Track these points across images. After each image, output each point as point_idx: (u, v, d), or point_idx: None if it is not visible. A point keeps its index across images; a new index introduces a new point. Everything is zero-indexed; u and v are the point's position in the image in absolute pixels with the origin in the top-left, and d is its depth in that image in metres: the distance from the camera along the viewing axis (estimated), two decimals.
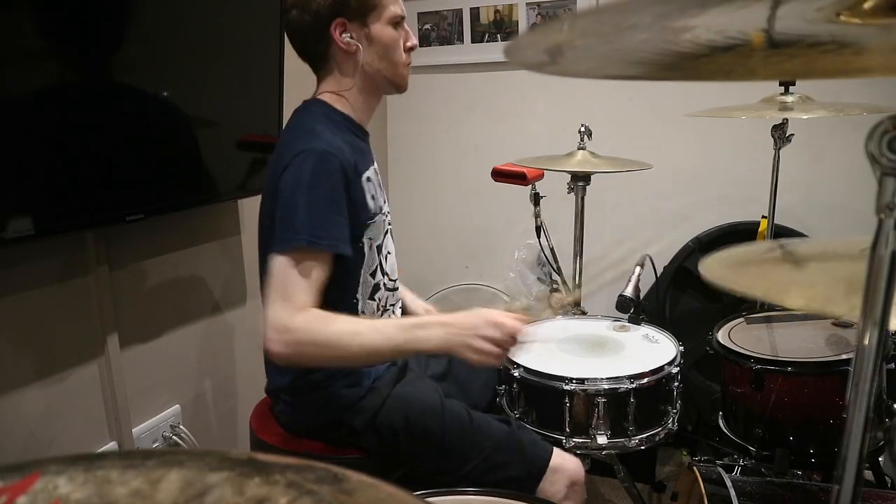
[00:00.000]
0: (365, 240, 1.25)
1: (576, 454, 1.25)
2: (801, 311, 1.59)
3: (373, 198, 1.27)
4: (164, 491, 0.33)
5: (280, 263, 1.10)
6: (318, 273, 1.12)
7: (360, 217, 1.22)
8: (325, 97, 1.28)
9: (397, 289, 1.40)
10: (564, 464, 1.20)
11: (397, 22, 1.25)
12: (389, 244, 1.36)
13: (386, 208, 1.35)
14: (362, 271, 1.26)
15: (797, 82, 1.54)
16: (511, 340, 1.09)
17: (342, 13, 1.20)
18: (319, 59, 1.28)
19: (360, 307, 1.27)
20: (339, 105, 1.28)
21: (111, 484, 0.34)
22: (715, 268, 0.74)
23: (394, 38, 1.25)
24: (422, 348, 1.13)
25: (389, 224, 1.38)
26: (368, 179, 1.26)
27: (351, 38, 1.22)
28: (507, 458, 1.19)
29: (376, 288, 1.30)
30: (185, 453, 0.37)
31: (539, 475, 1.18)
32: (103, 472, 0.35)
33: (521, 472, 1.18)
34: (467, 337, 1.08)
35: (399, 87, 1.31)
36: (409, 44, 1.28)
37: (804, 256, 0.80)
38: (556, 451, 1.22)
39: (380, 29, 1.23)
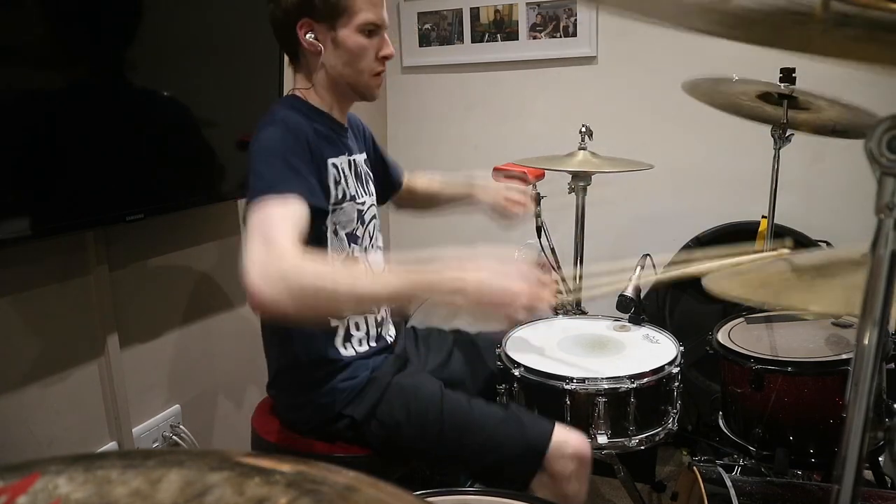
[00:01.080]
0: (329, 224, 1.24)
1: None
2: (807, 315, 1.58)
3: (336, 183, 1.26)
4: (164, 491, 0.33)
5: (255, 216, 1.07)
6: (296, 217, 1.08)
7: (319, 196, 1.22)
8: (297, 92, 1.30)
9: None
10: (569, 439, 1.18)
11: (371, 30, 1.23)
12: (369, 238, 1.34)
13: (367, 200, 1.34)
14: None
15: (797, 82, 1.54)
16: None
17: (308, 13, 1.21)
18: (291, 54, 1.30)
19: None
20: (310, 99, 1.29)
21: (111, 484, 0.34)
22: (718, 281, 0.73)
23: (361, 46, 1.23)
24: (432, 287, 1.08)
25: (375, 218, 1.37)
26: (334, 166, 1.26)
27: (315, 38, 1.22)
28: (508, 436, 1.18)
29: None
30: (185, 453, 0.36)
31: (542, 450, 1.15)
32: (103, 472, 0.35)
33: (523, 449, 1.16)
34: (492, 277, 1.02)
35: (363, 95, 1.30)
36: (382, 53, 1.25)
37: (806, 266, 0.79)
38: (559, 426, 1.19)
39: (347, 35, 1.21)
